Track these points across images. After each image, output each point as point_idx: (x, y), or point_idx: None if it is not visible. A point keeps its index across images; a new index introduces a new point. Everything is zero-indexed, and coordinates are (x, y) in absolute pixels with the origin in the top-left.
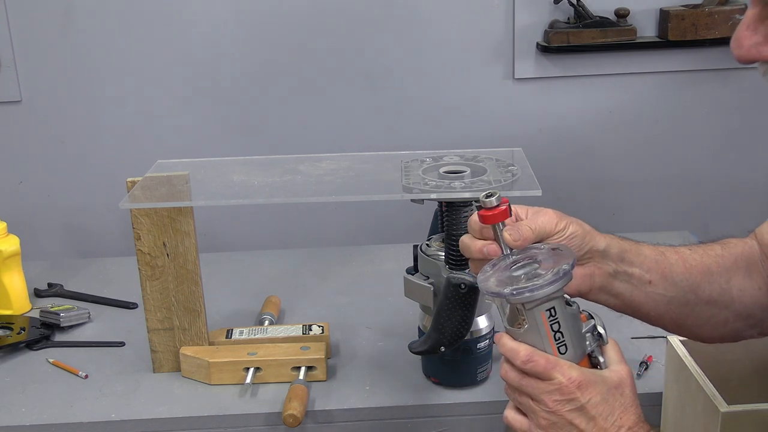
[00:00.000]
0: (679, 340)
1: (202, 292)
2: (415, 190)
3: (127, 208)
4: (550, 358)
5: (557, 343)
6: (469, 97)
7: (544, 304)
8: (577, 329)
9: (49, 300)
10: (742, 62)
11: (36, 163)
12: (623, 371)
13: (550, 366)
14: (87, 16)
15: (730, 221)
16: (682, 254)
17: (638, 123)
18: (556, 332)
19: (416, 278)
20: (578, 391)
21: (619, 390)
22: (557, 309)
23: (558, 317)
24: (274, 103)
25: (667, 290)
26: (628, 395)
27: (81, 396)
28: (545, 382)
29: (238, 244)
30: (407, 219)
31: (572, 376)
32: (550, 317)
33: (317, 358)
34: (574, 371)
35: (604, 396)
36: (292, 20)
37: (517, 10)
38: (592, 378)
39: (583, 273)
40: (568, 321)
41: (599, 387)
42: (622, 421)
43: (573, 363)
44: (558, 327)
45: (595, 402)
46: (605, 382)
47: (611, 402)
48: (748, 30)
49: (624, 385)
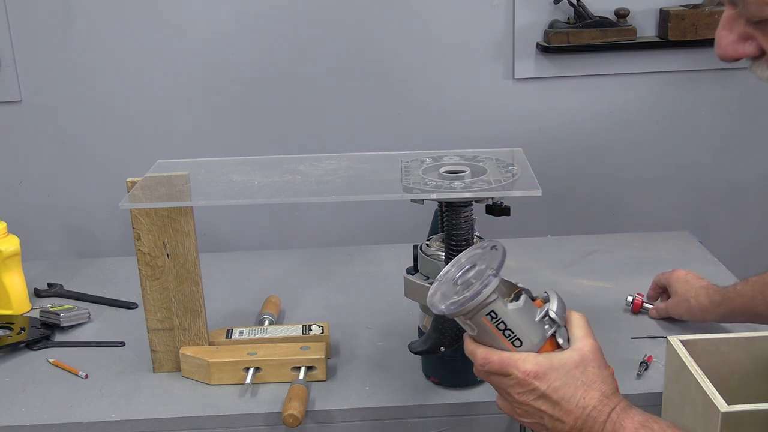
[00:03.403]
0: (679, 340)
1: (202, 292)
2: (415, 190)
3: (127, 208)
4: (504, 355)
5: (510, 339)
6: (469, 97)
7: (481, 311)
8: (528, 320)
9: (49, 300)
10: (723, 60)
11: (36, 163)
12: (585, 347)
13: (505, 364)
14: (87, 16)
15: (730, 221)
16: None
17: (638, 123)
18: (504, 330)
19: (416, 278)
20: (536, 381)
21: (580, 368)
22: (496, 311)
23: (500, 317)
24: (274, 103)
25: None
26: (592, 371)
27: (81, 396)
28: (505, 377)
29: (238, 244)
30: (407, 219)
31: (527, 369)
32: (492, 319)
33: (317, 358)
34: (529, 363)
35: (564, 379)
36: (292, 20)
37: (517, 10)
38: (548, 364)
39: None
40: (513, 317)
41: (558, 371)
42: (585, 401)
43: (530, 354)
44: (504, 326)
45: (555, 387)
46: (564, 364)
47: (572, 384)
48: (725, 29)
49: (586, 362)
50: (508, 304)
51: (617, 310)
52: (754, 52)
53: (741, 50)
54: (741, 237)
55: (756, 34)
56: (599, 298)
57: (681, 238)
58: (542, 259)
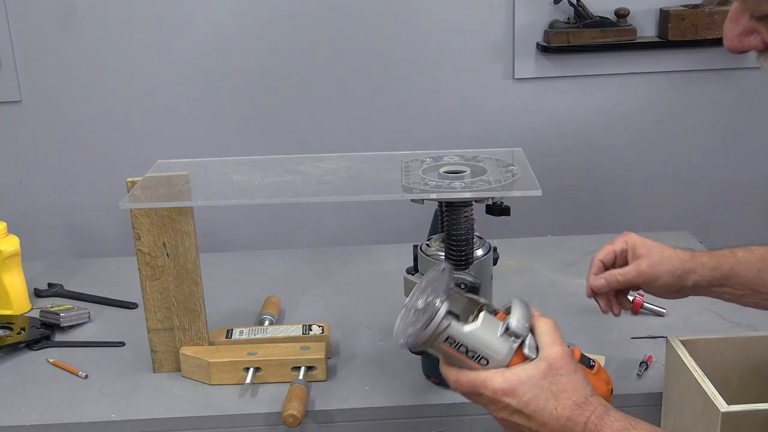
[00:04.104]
0: (679, 340)
1: (202, 292)
2: (415, 190)
3: (127, 208)
4: (471, 376)
5: (475, 360)
6: (469, 97)
7: (438, 339)
8: (490, 337)
9: (49, 300)
10: (730, 52)
11: (36, 163)
12: (552, 355)
13: (474, 384)
14: (87, 16)
15: (730, 221)
16: None
17: (638, 123)
18: (467, 352)
19: (416, 278)
20: (506, 398)
21: (548, 378)
22: (453, 336)
23: (459, 341)
24: (274, 103)
25: (760, 299)
26: (560, 380)
27: (81, 396)
28: (479, 396)
29: (238, 244)
30: (407, 219)
31: (494, 387)
32: (452, 345)
33: (317, 358)
34: (497, 381)
35: (534, 392)
36: (292, 20)
37: (517, 10)
38: (515, 380)
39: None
40: (473, 338)
41: (526, 384)
42: (558, 412)
43: (498, 370)
44: (465, 349)
45: (526, 401)
46: (532, 377)
47: (541, 395)
48: (731, 22)
49: (554, 370)
50: (464, 326)
51: None
52: (759, 45)
53: (746, 43)
54: (741, 237)
55: (759, 27)
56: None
57: (681, 238)
58: (542, 259)
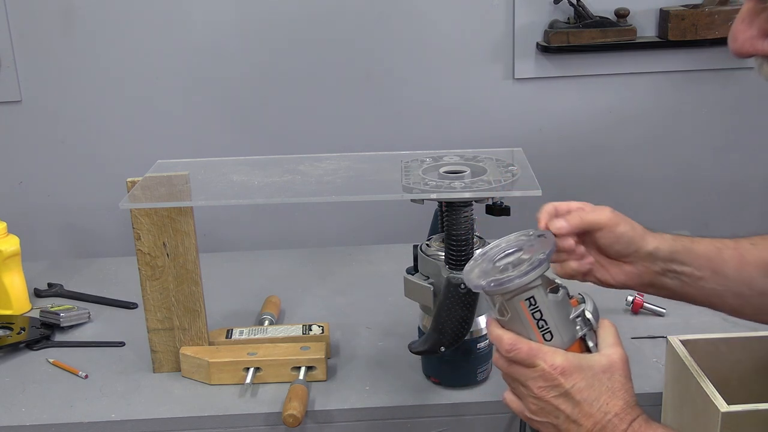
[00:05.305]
0: (679, 340)
1: (202, 292)
2: (415, 190)
3: (127, 208)
4: (533, 345)
5: (541, 331)
6: (469, 97)
7: (522, 294)
8: (564, 315)
9: (49, 300)
10: (738, 56)
11: (36, 163)
12: (615, 354)
13: (533, 353)
14: (87, 16)
15: (730, 221)
16: (741, 249)
17: (638, 123)
18: (539, 320)
19: (416, 278)
20: (561, 377)
21: (608, 374)
22: (537, 298)
23: (539, 306)
24: (274, 103)
25: (719, 284)
26: (618, 379)
27: (81, 396)
28: (529, 368)
29: (238, 244)
30: (407, 219)
31: (555, 363)
32: (530, 306)
33: (317, 358)
34: (558, 358)
35: (589, 381)
36: (292, 21)
37: (517, 10)
38: (576, 363)
39: (631, 271)
40: (551, 309)
41: (585, 372)
42: (608, 407)
43: (558, 349)
44: (540, 315)
45: (579, 387)
46: (592, 367)
47: (597, 387)
48: (743, 24)
49: (614, 369)
50: (548, 294)
51: (617, 310)
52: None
53: (760, 47)
54: None
55: None
56: (599, 298)
57: None
58: None
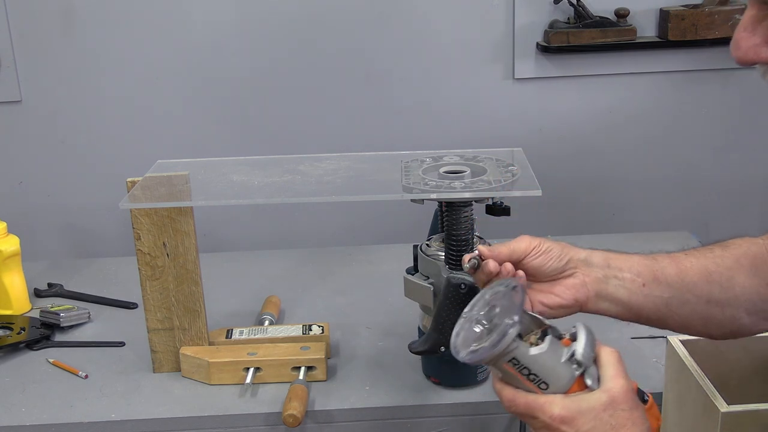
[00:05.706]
0: (679, 340)
1: (202, 292)
2: (415, 190)
3: (127, 208)
4: (530, 399)
5: (535, 383)
6: (469, 97)
7: (502, 359)
8: (554, 362)
9: (49, 300)
10: (741, 64)
11: (36, 163)
12: (615, 388)
13: (530, 408)
14: (87, 16)
15: (730, 221)
16: (675, 258)
17: (638, 123)
18: (529, 375)
19: (416, 278)
20: (564, 426)
21: (609, 411)
22: (518, 357)
23: (523, 363)
24: (274, 103)
25: (663, 292)
26: (620, 414)
27: (81, 396)
28: (533, 419)
29: (238, 244)
30: (407, 219)
31: (553, 414)
32: (515, 366)
33: (317, 358)
34: (556, 408)
35: (592, 424)
36: (292, 20)
37: (517, 10)
38: (576, 408)
39: (574, 283)
40: (537, 362)
41: (586, 415)
42: None
43: (557, 396)
44: (528, 371)
45: (584, 431)
46: (593, 408)
47: (600, 428)
48: (746, 31)
49: (616, 404)
50: (530, 348)
51: None
52: None
53: (764, 55)
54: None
55: None
56: None
57: (681, 238)
58: None
